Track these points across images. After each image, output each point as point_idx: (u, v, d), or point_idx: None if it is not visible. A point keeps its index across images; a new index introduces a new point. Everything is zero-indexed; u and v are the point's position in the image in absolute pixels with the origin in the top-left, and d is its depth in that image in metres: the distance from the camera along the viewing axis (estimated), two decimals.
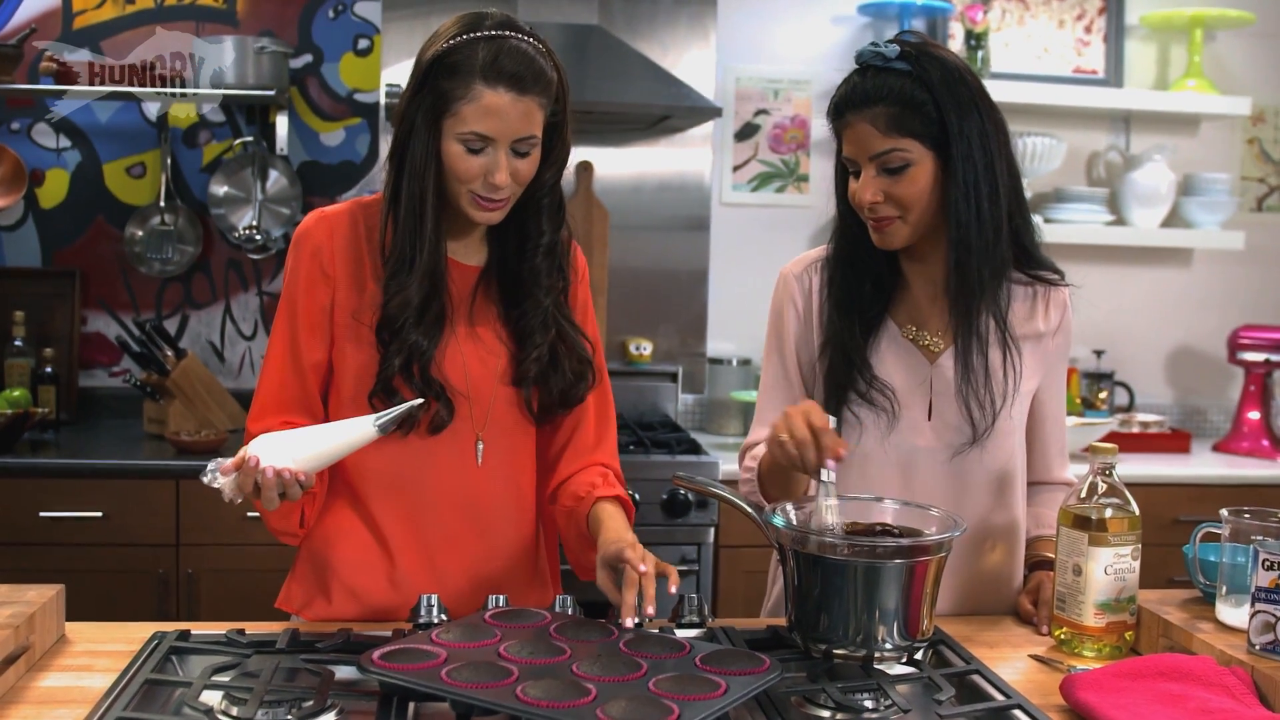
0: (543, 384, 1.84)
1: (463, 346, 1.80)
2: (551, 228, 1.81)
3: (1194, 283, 4.20)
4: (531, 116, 1.69)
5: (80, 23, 3.70)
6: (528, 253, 1.81)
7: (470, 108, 1.66)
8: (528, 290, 1.82)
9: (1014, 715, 1.43)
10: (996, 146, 1.77)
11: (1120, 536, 1.69)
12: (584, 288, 1.94)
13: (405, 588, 1.80)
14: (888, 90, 1.74)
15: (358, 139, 3.84)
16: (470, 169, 1.69)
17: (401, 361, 1.74)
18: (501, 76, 1.65)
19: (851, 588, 1.54)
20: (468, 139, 1.67)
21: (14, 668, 1.49)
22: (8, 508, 3.13)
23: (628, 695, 1.28)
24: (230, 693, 1.40)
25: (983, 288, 1.79)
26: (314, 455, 1.60)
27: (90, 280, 3.78)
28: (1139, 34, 4.10)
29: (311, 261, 1.79)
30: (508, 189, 1.71)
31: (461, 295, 1.82)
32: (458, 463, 1.82)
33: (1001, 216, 1.78)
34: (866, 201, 1.78)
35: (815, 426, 1.61)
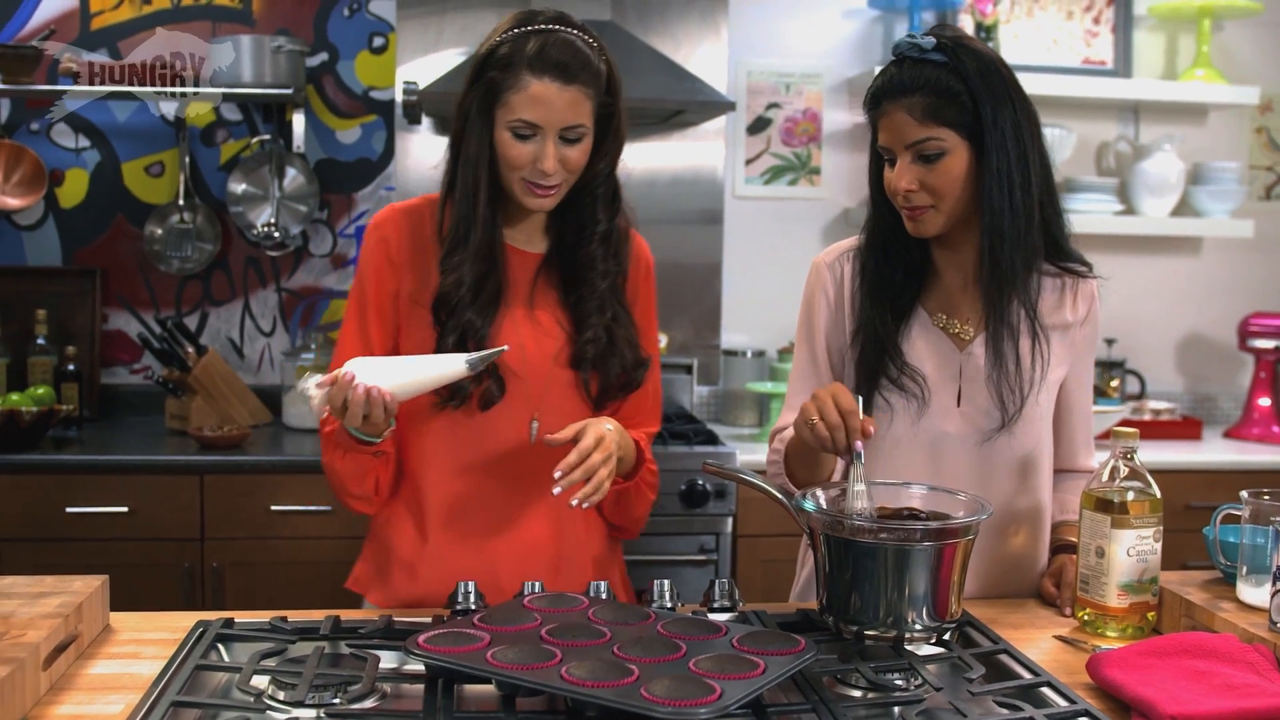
0: (601, 367, 1.89)
1: (520, 329, 1.87)
2: (607, 216, 1.89)
3: (1204, 271, 4.23)
4: (578, 106, 1.76)
5: (98, 24, 3.73)
6: (584, 239, 1.88)
7: (518, 97, 1.75)
8: (584, 275, 1.89)
9: (1043, 693, 1.46)
10: (1029, 137, 1.81)
11: (1142, 519, 1.72)
12: (648, 284, 2.00)
13: (456, 570, 1.84)
14: (924, 80, 1.78)
15: (374, 136, 3.88)
16: (520, 156, 1.77)
17: (456, 339, 1.83)
18: (547, 66, 1.74)
19: (882, 570, 1.57)
20: (516, 126, 1.76)
21: (64, 656, 1.52)
22: (35, 504, 3.17)
23: (670, 675, 1.32)
24: (276, 678, 1.43)
25: (1014, 276, 1.83)
26: (405, 382, 1.69)
27: (111, 279, 3.82)
28: (1147, 24, 4.13)
29: (379, 250, 1.89)
30: (557, 175, 1.78)
31: (522, 281, 1.89)
32: (512, 442, 1.87)
33: (1034, 206, 1.82)
34: (902, 189, 1.82)
35: (844, 408, 1.66)
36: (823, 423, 1.66)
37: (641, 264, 1.99)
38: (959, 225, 1.86)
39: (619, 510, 1.93)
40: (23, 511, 3.16)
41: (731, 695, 1.27)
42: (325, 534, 3.26)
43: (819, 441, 1.68)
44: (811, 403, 1.69)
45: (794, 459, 1.89)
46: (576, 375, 1.89)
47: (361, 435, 1.77)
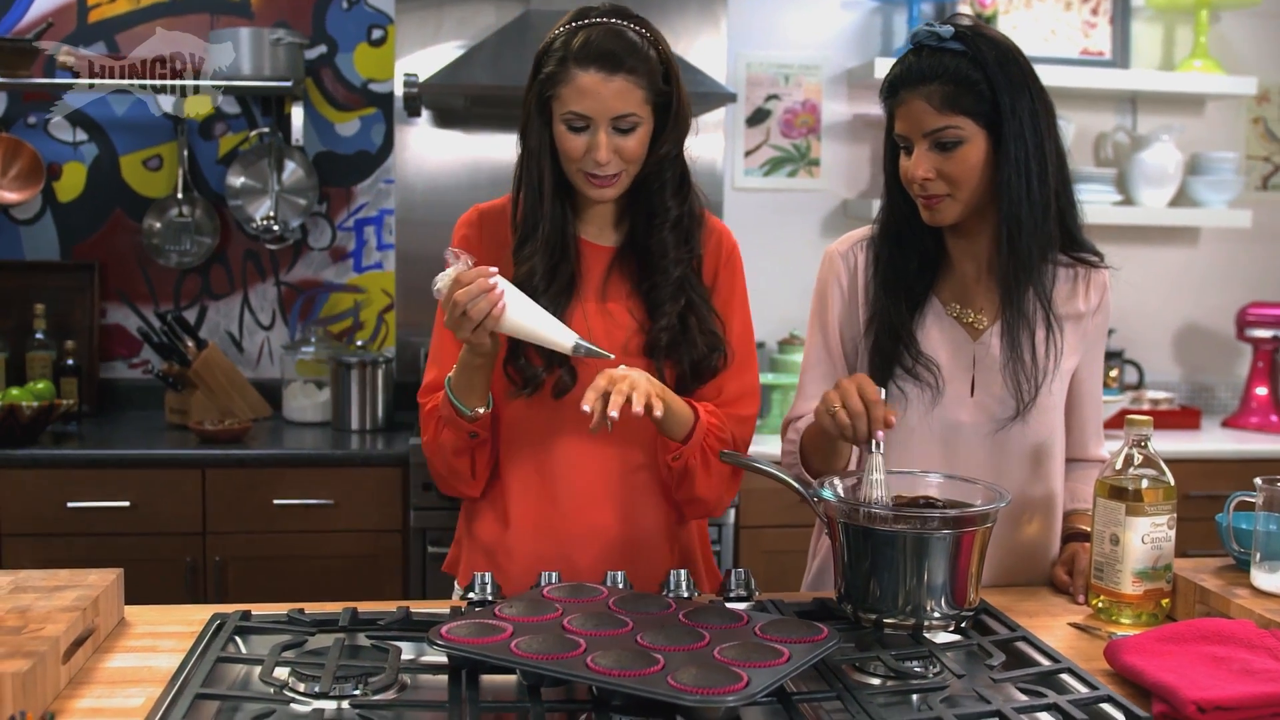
0: (674, 355, 1.89)
1: (592, 320, 1.88)
2: (676, 203, 1.89)
3: (1201, 261, 4.25)
4: (627, 95, 1.77)
5: (95, 16, 3.72)
6: (655, 227, 1.89)
7: (567, 89, 1.78)
8: (656, 263, 1.89)
9: (1064, 679, 1.47)
10: (1046, 126, 1.81)
11: (1156, 506, 1.73)
12: (730, 269, 1.98)
13: (534, 557, 1.87)
14: (942, 69, 1.78)
15: (373, 129, 3.87)
16: (574, 147, 1.80)
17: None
18: (592, 58, 1.76)
19: (901, 559, 1.58)
20: (569, 119, 1.79)
21: (82, 650, 1.52)
22: (36, 499, 3.16)
23: (695, 663, 1.32)
24: (298, 670, 1.43)
25: (1030, 266, 1.83)
26: (524, 319, 1.71)
27: (109, 272, 3.81)
28: (1145, 15, 4.14)
29: (463, 246, 1.89)
30: (613, 165, 1.80)
31: (594, 273, 1.91)
32: (585, 433, 1.86)
33: (1050, 196, 1.82)
34: (919, 178, 1.82)
35: (868, 398, 1.66)
36: (844, 410, 1.67)
37: (724, 251, 1.98)
38: (974, 215, 1.87)
39: (684, 484, 1.89)
40: (24, 507, 3.15)
41: (758, 683, 1.27)
42: (328, 527, 3.26)
43: (839, 429, 1.68)
44: (834, 391, 1.70)
45: (810, 448, 1.89)
46: (650, 364, 1.88)
47: (460, 405, 1.81)
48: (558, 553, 1.88)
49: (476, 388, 1.82)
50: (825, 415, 1.70)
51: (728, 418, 1.93)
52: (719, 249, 1.98)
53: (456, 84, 3.39)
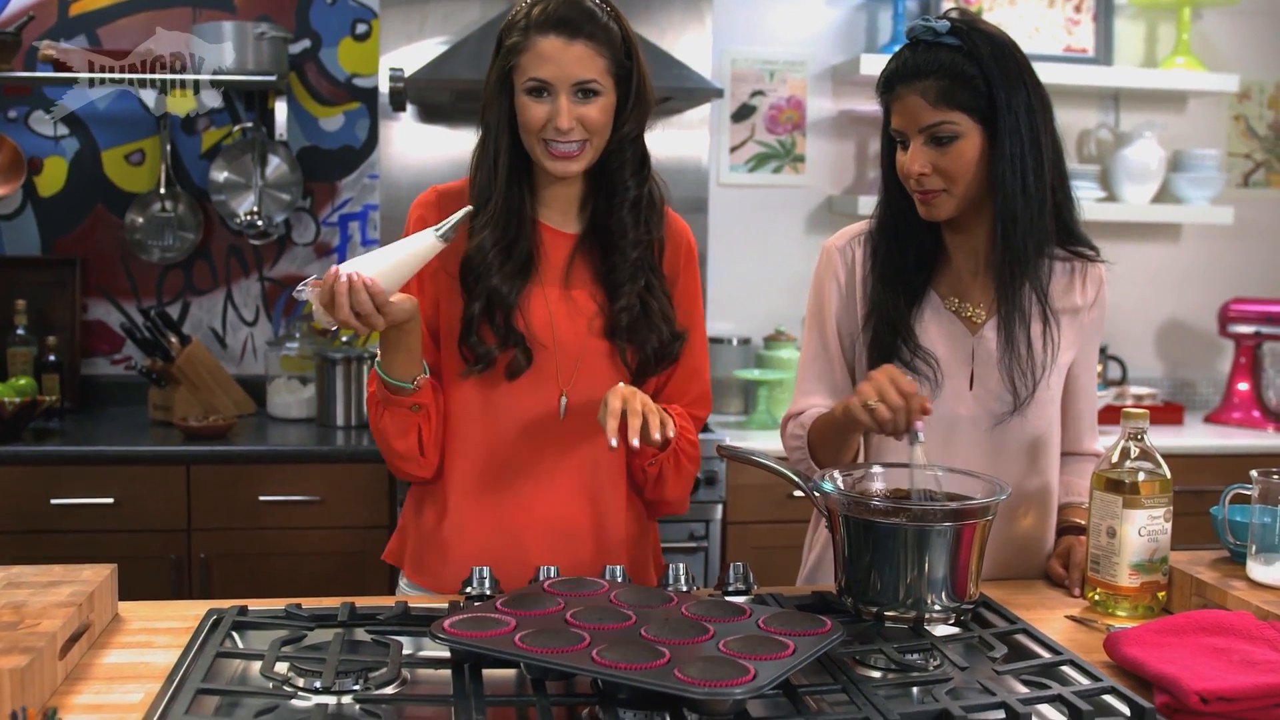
0: (636, 338, 1.88)
1: (554, 306, 1.87)
2: (635, 183, 1.88)
3: (1184, 257, 4.27)
4: (587, 62, 1.77)
5: (76, 9, 3.69)
6: (614, 206, 1.88)
7: (528, 57, 1.78)
8: (616, 243, 1.88)
9: (1066, 671, 1.47)
10: (1042, 121, 1.81)
11: (1153, 499, 1.73)
12: (690, 265, 1.98)
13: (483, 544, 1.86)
14: (938, 64, 1.78)
15: (357, 124, 3.85)
16: (536, 117, 1.79)
17: (482, 305, 1.83)
18: (551, 23, 1.76)
19: (902, 552, 1.58)
20: (530, 85, 1.78)
21: (77, 646, 1.50)
22: (19, 496, 3.13)
23: (702, 656, 1.31)
24: (298, 664, 1.42)
25: (1026, 260, 1.83)
26: (386, 267, 1.68)
27: (90, 268, 3.77)
28: (1128, 13, 4.15)
29: (418, 227, 1.88)
30: (575, 133, 1.79)
31: (556, 259, 1.90)
32: (541, 417, 1.87)
33: (1046, 191, 1.83)
34: (914, 173, 1.82)
35: (904, 390, 1.68)
36: (884, 405, 1.67)
37: (683, 245, 1.97)
38: (970, 209, 1.87)
39: (657, 486, 1.92)
40: (7, 503, 3.12)
41: (765, 676, 1.27)
42: (313, 524, 3.24)
43: (879, 424, 1.69)
44: (869, 385, 1.70)
45: (820, 442, 1.89)
46: (612, 346, 1.88)
47: (393, 380, 1.78)
48: (506, 542, 1.86)
49: (405, 357, 1.78)
50: (862, 411, 1.70)
51: (688, 417, 1.94)
52: (679, 244, 1.97)
53: (441, 79, 3.37)
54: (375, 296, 1.65)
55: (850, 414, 1.73)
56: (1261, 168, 4.30)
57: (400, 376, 1.79)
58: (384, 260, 1.69)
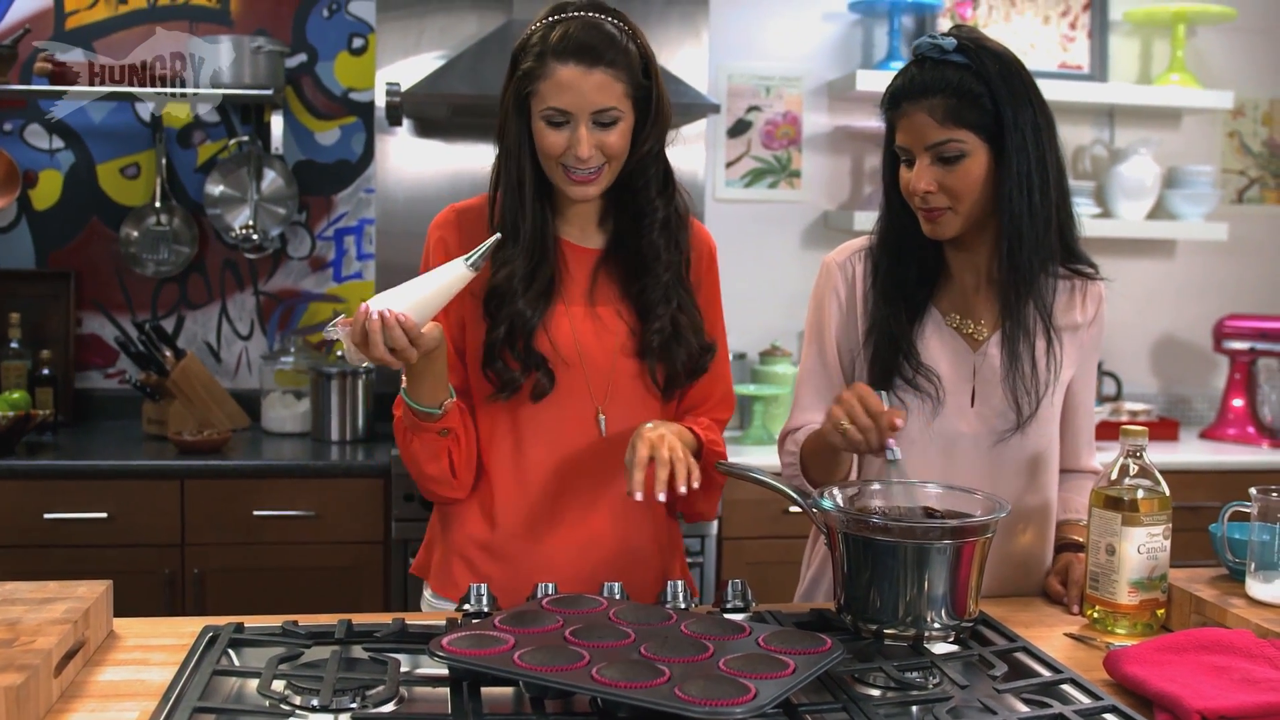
0: (666, 356, 1.88)
1: (579, 324, 1.86)
2: (663, 202, 1.87)
3: (1178, 273, 4.28)
4: (607, 89, 1.75)
5: (73, 23, 3.68)
6: (644, 229, 1.87)
7: (546, 84, 1.75)
8: (647, 266, 1.87)
9: (1066, 690, 1.46)
10: (1048, 139, 1.81)
11: (1152, 516, 1.73)
12: (712, 273, 1.99)
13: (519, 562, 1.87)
14: (945, 82, 1.77)
15: (353, 138, 3.85)
16: (555, 143, 1.77)
17: (506, 330, 1.82)
18: (571, 51, 1.74)
19: (902, 569, 1.57)
20: (548, 114, 1.76)
21: (73, 663, 1.49)
22: (12, 510, 3.12)
23: (701, 675, 1.31)
24: (295, 682, 1.41)
25: (1032, 279, 1.83)
26: (416, 300, 1.66)
27: (85, 281, 3.77)
28: (1122, 29, 4.17)
29: (439, 249, 1.89)
30: (594, 160, 1.77)
31: (579, 277, 1.89)
32: (578, 437, 1.87)
33: (1051, 209, 1.82)
34: (920, 191, 1.81)
35: (872, 410, 1.67)
36: (853, 426, 1.66)
37: (705, 252, 1.97)
38: (974, 226, 1.86)
39: (689, 504, 1.92)
40: (1, 518, 3.10)
41: (766, 695, 1.26)
42: (309, 539, 3.23)
43: (852, 446, 1.68)
44: (838, 407, 1.69)
45: (811, 460, 1.88)
46: (642, 365, 1.88)
47: (421, 407, 1.77)
48: (544, 559, 1.86)
49: (432, 383, 1.76)
50: (834, 433, 1.69)
51: (713, 424, 1.94)
52: (701, 250, 1.97)
53: (438, 93, 3.37)
54: (409, 331, 1.63)
55: (825, 437, 1.73)
56: (1256, 184, 4.31)
57: (427, 403, 1.78)
58: (415, 294, 1.67)
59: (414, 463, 1.85)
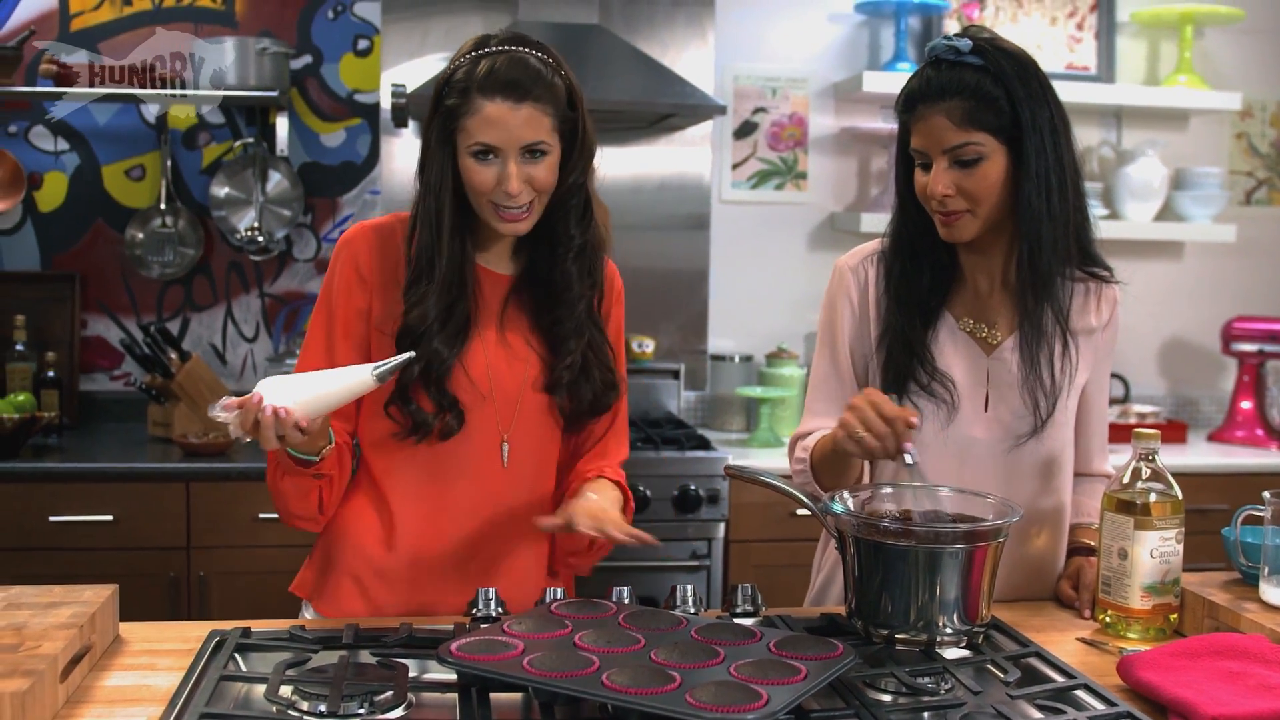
0: (574, 391, 1.87)
1: (490, 352, 1.84)
2: (580, 230, 1.84)
3: (1186, 275, 4.26)
4: (535, 123, 1.72)
5: (78, 24, 3.68)
6: (558, 258, 1.84)
7: (473, 120, 1.72)
8: (560, 295, 1.85)
9: (1080, 696, 1.45)
10: (1065, 140, 1.80)
11: (1164, 520, 1.72)
12: (619, 308, 1.98)
13: (416, 585, 1.85)
14: (962, 84, 1.76)
15: (358, 140, 3.84)
16: (485, 180, 1.74)
17: (420, 369, 1.78)
18: (498, 87, 1.71)
19: (913, 574, 1.56)
20: (475, 150, 1.73)
21: (79, 668, 1.48)
22: (17, 512, 3.11)
23: (713, 681, 1.30)
24: (302, 688, 1.40)
25: (1049, 282, 1.82)
26: (313, 398, 1.62)
27: (90, 283, 3.76)
28: (1130, 30, 4.15)
29: (350, 268, 1.85)
30: (524, 195, 1.74)
31: (492, 304, 1.86)
32: (484, 465, 1.85)
33: (1069, 210, 1.81)
34: (939, 194, 1.79)
35: (887, 415, 1.65)
36: (869, 434, 1.65)
37: (615, 289, 1.96)
38: (989, 230, 1.84)
39: (590, 554, 1.90)
40: (5, 521, 3.10)
41: (778, 701, 1.25)
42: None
43: (868, 453, 1.67)
44: (851, 414, 1.67)
45: (822, 466, 1.87)
46: (550, 399, 1.87)
47: (299, 454, 1.73)
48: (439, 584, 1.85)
49: (313, 436, 1.69)
50: (849, 442, 1.68)
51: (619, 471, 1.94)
52: (613, 283, 1.96)
53: None
54: (303, 428, 1.61)
55: (838, 445, 1.71)
56: (1264, 185, 4.30)
57: (305, 451, 1.73)
58: (312, 390, 1.63)
59: (280, 498, 1.82)
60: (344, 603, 1.88)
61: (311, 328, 1.88)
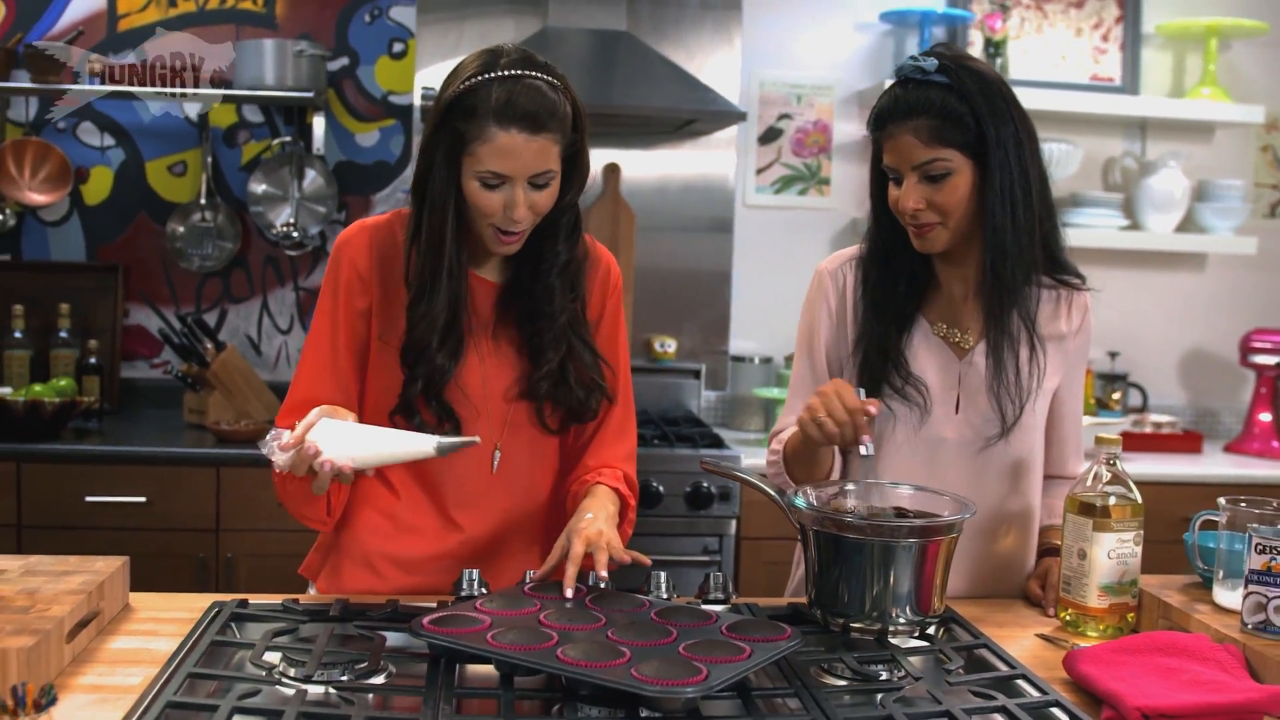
0: (554, 399, 1.92)
1: (484, 360, 1.90)
2: (567, 247, 1.89)
3: (1208, 287, 4.29)
4: (546, 153, 1.75)
5: (124, 25, 3.82)
6: (542, 272, 1.88)
7: (486, 148, 1.72)
8: (541, 308, 1.89)
9: (1018, 685, 1.52)
10: (1029, 153, 1.87)
11: (1123, 523, 1.78)
12: (615, 299, 2.01)
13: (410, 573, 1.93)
14: (928, 103, 1.83)
15: (392, 140, 3.96)
16: (490, 205, 1.76)
17: (424, 384, 1.84)
18: (515, 118, 1.71)
19: (869, 565, 1.64)
20: (485, 177, 1.74)
21: (86, 631, 1.59)
22: (55, 492, 3.25)
23: (659, 657, 1.38)
24: (288, 655, 1.50)
25: (1015, 289, 1.89)
26: (371, 456, 1.70)
27: (132, 275, 3.91)
28: (1155, 42, 4.19)
29: (350, 268, 1.89)
30: (526, 220, 1.79)
31: (483, 310, 1.91)
32: (474, 469, 1.92)
33: (1034, 221, 1.88)
34: (909, 209, 1.87)
35: (849, 405, 1.74)
36: (830, 419, 1.73)
37: (611, 282, 2.00)
38: (962, 239, 1.92)
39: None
40: (44, 499, 3.24)
41: (717, 676, 1.33)
42: None
43: (827, 438, 1.75)
44: (817, 399, 1.76)
45: (793, 459, 1.95)
46: (531, 407, 1.92)
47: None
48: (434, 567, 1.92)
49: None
50: (811, 426, 1.76)
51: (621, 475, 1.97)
52: (606, 280, 1.99)
53: None
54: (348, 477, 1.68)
55: (803, 430, 1.79)
56: None
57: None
58: (370, 448, 1.69)
59: (289, 498, 1.86)
60: (344, 583, 1.97)
61: (314, 328, 1.92)
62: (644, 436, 3.47)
